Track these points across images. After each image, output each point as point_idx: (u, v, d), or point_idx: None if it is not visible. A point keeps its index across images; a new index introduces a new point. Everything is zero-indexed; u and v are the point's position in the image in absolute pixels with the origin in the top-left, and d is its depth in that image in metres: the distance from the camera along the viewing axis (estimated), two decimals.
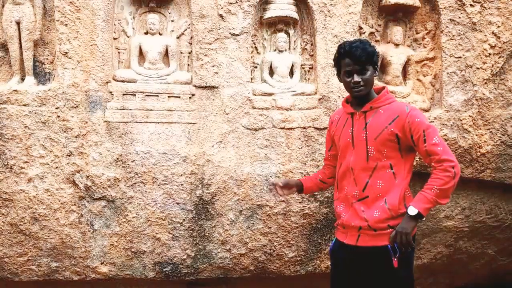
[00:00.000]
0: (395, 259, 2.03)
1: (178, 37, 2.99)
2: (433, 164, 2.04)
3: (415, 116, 2.05)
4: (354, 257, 2.15)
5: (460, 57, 3.07)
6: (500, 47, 3.09)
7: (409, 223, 2.03)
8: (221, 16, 2.89)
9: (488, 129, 3.09)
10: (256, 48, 3.08)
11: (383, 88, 2.22)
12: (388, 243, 2.05)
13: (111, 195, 2.80)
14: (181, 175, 2.85)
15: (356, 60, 2.08)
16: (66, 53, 2.74)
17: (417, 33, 3.21)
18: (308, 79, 3.11)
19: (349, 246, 2.17)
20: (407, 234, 2.02)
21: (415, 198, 2.05)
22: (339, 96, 2.97)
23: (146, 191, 2.83)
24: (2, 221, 2.73)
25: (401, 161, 2.11)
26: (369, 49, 2.09)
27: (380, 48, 3.16)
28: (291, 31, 3.10)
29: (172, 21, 3.01)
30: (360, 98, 2.16)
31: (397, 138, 2.08)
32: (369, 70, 2.10)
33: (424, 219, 2.09)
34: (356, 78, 2.09)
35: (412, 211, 2.01)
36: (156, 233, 2.87)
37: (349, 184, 2.18)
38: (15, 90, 2.70)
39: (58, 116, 2.73)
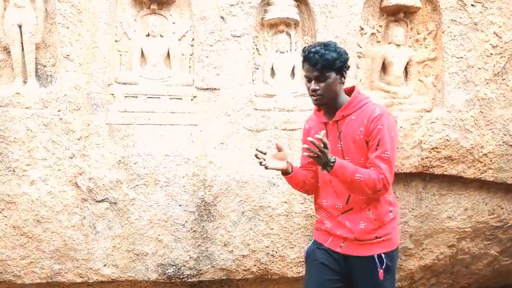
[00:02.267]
0: (381, 271, 1.97)
1: (179, 39, 3.00)
2: (374, 168, 1.91)
3: (379, 122, 1.91)
4: (336, 260, 2.05)
5: (461, 57, 3.06)
6: (501, 47, 3.09)
7: (325, 158, 1.83)
8: (222, 17, 2.89)
9: (490, 129, 3.09)
10: (257, 49, 3.08)
11: (353, 88, 2.06)
12: (374, 253, 1.98)
13: (114, 197, 2.80)
14: (183, 177, 2.85)
15: (313, 66, 1.92)
16: (68, 55, 2.75)
17: (419, 33, 3.21)
18: None
19: (330, 250, 2.07)
20: (321, 156, 1.83)
21: (348, 163, 1.90)
22: None
23: (148, 193, 2.84)
24: (5, 224, 2.74)
25: (365, 164, 1.97)
26: (329, 55, 1.91)
27: (382, 49, 3.16)
28: (292, 32, 3.10)
29: (174, 23, 3.01)
30: (322, 106, 2.03)
31: (367, 144, 1.95)
32: (329, 77, 1.93)
33: (330, 168, 1.86)
34: (314, 85, 1.94)
35: (333, 161, 1.85)
36: (159, 235, 2.87)
37: (329, 197, 2.07)
38: (18, 93, 2.71)
39: (60, 119, 2.74)
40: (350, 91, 2.06)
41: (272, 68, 3.07)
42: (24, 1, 2.75)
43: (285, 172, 2.11)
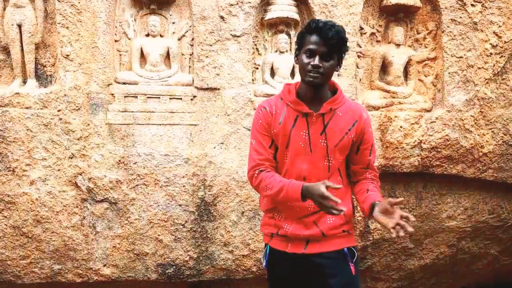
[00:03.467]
0: (352, 265, 1.82)
1: (179, 39, 2.99)
2: (371, 176, 1.91)
3: (369, 125, 1.86)
4: (300, 266, 1.85)
5: (461, 57, 3.06)
6: (501, 47, 3.09)
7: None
8: (222, 17, 2.89)
9: (490, 129, 3.09)
10: (257, 49, 3.08)
11: (333, 83, 1.88)
12: (343, 247, 1.84)
13: (113, 197, 2.80)
14: (183, 177, 2.85)
15: (325, 40, 1.70)
16: (68, 55, 2.74)
17: (418, 33, 3.21)
18: None
19: (292, 255, 1.85)
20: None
21: (377, 195, 1.83)
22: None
23: (148, 193, 2.83)
24: (5, 224, 2.74)
25: (343, 164, 1.89)
26: (343, 35, 1.73)
27: (382, 49, 3.16)
28: (292, 32, 3.09)
29: (173, 23, 3.01)
30: (313, 87, 1.78)
31: (353, 144, 1.85)
32: (333, 59, 1.74)
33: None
34: (318, 61, 1.71)
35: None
36: (159, 235, 2.87)
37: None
38: (17, 93, 2.71)
39: (60, 119, 2.73)
40: (330, 86, 1.88)
41: (272, 68, 3.07)
42: (24, 1, 2.75)
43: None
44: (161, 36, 2.99)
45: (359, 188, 1.90)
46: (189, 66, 3.00)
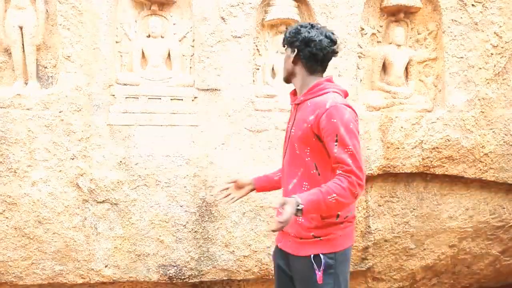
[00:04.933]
0: (319, 273, 1.77)
1: (180, 40, 3.00)
2: (340, 171, 1.70)
3: (331, 116, 1.72)
4: (286, 262, 1.93)
5: (462, 57, 3.07)
6: (502, 47, 3.09)
7: (290, 210, 1.62)
8: (223, 18, 2.89)
9: (491, 129, 3.09)
10: (258, 50, 3.08)
11: (329, 77, 1.91)
12: (311, 254, 1.79)
13: (115, 198, 2.81)
14: (184, 178, 2.86)
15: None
16: (69, 57, 2.75)
17: (419, 33, 3.21)
18: None
19: (282, 251, 1.94)
20: (284, 222, 1.61)
21: (311, 192, 1.69)
22: None
23: (149, 194, 2.84)
24: (6, 225, 2.74)
25: (327, 161, 1.78)
26: (289, 31, 1.86)
27: (382, 49, 3.16)
28: None
29: (174, 24, 3.01)
30: (284, 81, 1.96)
31: (317, 137, 1.78)
32: (287, 51, 1.88)
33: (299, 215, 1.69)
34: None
35: (299, 204, 1.65)
36: (160, 236, 2.87)
37: (283, 184, 1.95)
38: (19, 94, 2.71)
39: (62, 120, 2.74)
40: (328, 81, 1.90)
41: (272, 69, 3.07)
42: (25, 3, 2.76)
43: (254, 189, 2.13)
44: (162, 37, 2.99)
45: None
46: (190, 67, 3.01)
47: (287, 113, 2.95)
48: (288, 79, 1.94)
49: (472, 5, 3.05)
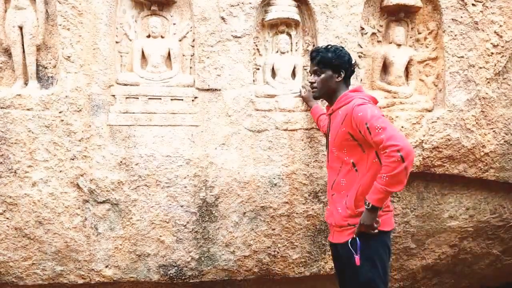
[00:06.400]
0: (357, 256, 2.05)
1: (180, 40, 3.00)
2: (381, 152, 2.01)
3: (357, 111, 2.07)
4: (335, 253, 2.31)
5: (462, 56, 3.06)
6: (502, 46, 3.09)
7: (367, 214, 2.04)
8: (223, 18, 2.89)
9: (492, 128, 3.09)
10: (258, 50, 3.08)
11: (357, 87, 2.32)
12: (348, 239, 2.12)
13: (115, 198, 2.81)
14: (184, 178, 2.86)
15: (312, 61, 2.33)
16: (69, 57, 2.75)
17: (419, 33, 3.21)
18: None
19: (331, 244, 2.35)
20: (367, 226, 2.04)
21: (371, 190, 2.05)
22: None
23: (150, 194, 2.84)
24: (7, 225, 2.74)
25: (363, 156, 2.13)
26: (324, 54, 2.25)
27: (382, 49, 3.16)
28: (293, 33, 3.10)
29: (174, 24, 3.01)
30: (317, 98, 2.45)
31: (351, 136, 2.12)
32: (324, 73, 2.28)
33: (381, 208, 2.07)
34: (312, 78, 2.36)
35: (367, 204, 2.03)
36: (160, 236, 2.87)
37: (328, 182, 2.35)
38: (19, 95, 2.71)
39: (62, 120, 2.74)
40: (355, 91, 2.29)
41: (272, 69, 3.07)
42: (25, 3, 2.76)
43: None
44: (162, 37, 2.99)
45: None
46: (190, 67, 3.00)
47: (287, 113, 2.95)
48: (326, 96, 2.34)
49: (473, 4, 3.05)
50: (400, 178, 1.93)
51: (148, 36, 2.98)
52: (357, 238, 2.06)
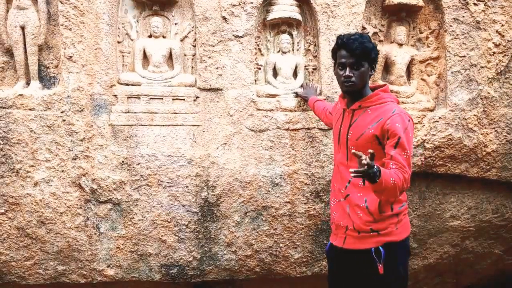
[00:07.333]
0: (380, 265, 1.95)
1: (181, 40, 3.00)
2: (395, 167, 1.89)
3: (395, 121, 1.95)
4: (342, 259, 2.13)
5: (464, 56, 3.06)
6: (504, 46, 3.08)
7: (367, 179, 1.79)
8: (224, 18, 2.89)
9: (494, 128, 3.08)
10: (259, 49, 3.08)
11: (382, 86, 2.14)
12: (371, 247, 1.98)
13: (117, 198, 2.81)
14: (186, 178, 2.86)
15: (351, 52, 2.00)
16: (71, 57, 2.75)
17: (421, 32, 3.20)
18: (312, 80, 3.11)
19: (337, 248, 2.15)
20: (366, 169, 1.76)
21: (382, 169, 1.83)
22: None
23: (151, 194, 2.84)
24: (9, 225, 2.75)
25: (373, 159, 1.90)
26: (367, 44, 2.01)
27: (384, 48, 3.16)
28: (294, 32, 3.10)
29: (176, 24, 3.01)
30: (350, 93, 2.09)
31: (377, 139, 1.99)
32: (363, 66, 2.02)
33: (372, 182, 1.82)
34: (348, 72, 2.02)
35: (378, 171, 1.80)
36: (162, 236, 2.88)
37: (337, 180, 2.16)
38: (21, 95, 2.72)
39: (64, 120, 2.74)
40: (375, 88, 2.13)
41: (274, 68, 3.07)
42: (27, 3, 2.76)
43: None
44: (163, 37, 2.99)
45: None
46: (192, 67, 3.01)
47: (289, 112, 2.95)
48: (358, 91, 2.08)
49: (474, 3, 3.04)
50: (392, 192, 1.87)
51: (150, 36, 2.98)
52: (380, 248, 1.97)
